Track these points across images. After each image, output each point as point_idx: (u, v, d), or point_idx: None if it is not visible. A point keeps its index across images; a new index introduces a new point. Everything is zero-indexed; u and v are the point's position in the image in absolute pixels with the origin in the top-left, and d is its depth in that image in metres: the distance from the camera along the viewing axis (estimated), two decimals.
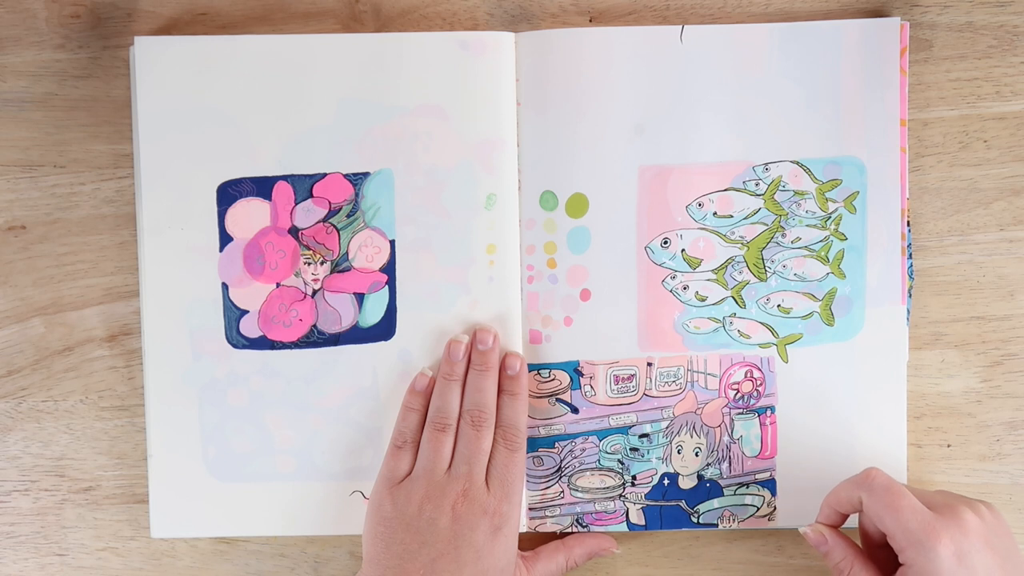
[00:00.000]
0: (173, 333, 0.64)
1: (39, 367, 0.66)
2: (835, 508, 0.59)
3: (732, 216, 0.64)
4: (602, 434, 0.65)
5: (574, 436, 0.65)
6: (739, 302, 0.64)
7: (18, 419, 0.66)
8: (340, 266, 0.64)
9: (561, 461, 0.65)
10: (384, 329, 0.64)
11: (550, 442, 0.65)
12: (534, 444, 0.65)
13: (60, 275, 0.65)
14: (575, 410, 0.65)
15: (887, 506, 0.56)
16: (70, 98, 0.65)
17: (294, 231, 0.64)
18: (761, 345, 0.65)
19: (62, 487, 0.66)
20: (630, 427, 0.65)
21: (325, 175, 0.64)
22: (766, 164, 0.64)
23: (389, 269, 0.64)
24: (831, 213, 0.64)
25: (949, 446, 0.66)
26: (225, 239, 0.64)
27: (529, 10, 0.65)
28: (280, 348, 0.64)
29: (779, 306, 0.64)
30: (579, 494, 0.65)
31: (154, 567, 0.66)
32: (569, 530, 0.65)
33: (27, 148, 0.65)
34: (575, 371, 0.65)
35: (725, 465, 0.65)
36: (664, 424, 0.65)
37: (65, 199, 0.65)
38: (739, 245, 0.64)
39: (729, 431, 0.65)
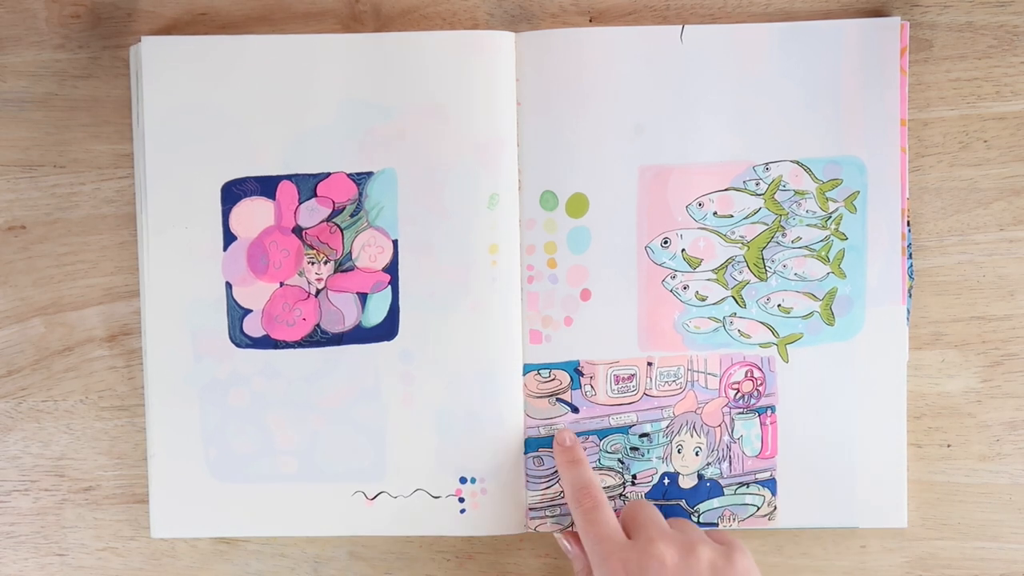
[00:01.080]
0: (174, 333, 0.65)
1: (39, 367, 0.67)
2: None
3: (732, 216, 0.66)
4: (602, 434, 0.66)
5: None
6: (739, 302, 0.66)
7: (18, 419, 0.67)
8: (343, 266, 0.65)
9: None
10: (387, 329, 0.65)
11: (550, 442, 0.66)
12: (534, 444, 0.66)
13: (60, 275, 0.66)
14: (575, 410, 0.66)
15: (583, 522, 0.60)
16: (70, 98, 0.66)
17: (298, 230, 0.65)
18: (761, 345, 0.66)
19: (62, 487, 0.67)
20: (630, 427, 0.66)
21: (329, 174, 0.65)
22: (766, 164, 0.65)
23: (392, 269, 0.65)
24: (831, 213, 0.65)
25: (949, 446, 0.67)
26: (229, 238, 0.65)
27: (529, 10, 0.66)
28: (283, 347, 0.65)
29: (779, 306, 0.66)
30: None
31: (154, 567, 0.67)
32: (569, 530, 0.66)
33: (27, 148, 0.66)
34: (575, 371, 0.66)
35: (725, 465, 0.66)
36: (664, 424, 0.66)
37: (65, 199, 0.66)
38: (739, 245, 0.66)
39: (729, 431, 0.66)
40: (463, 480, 0.66)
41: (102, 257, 0.67)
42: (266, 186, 0.65)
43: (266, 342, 0.65)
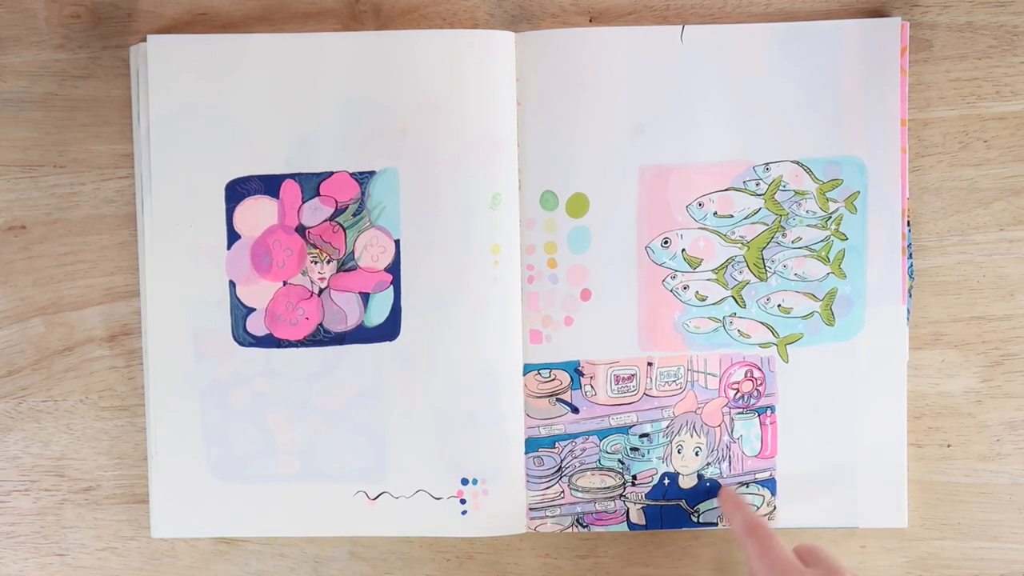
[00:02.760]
0: (176, 333, 0.66)
1: (39, 367, 0.68)
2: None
3: (732, 216, 0.67)
4: (602, 434, 0.67)
5: (574, 436, 0.67)
6: (739, 302, 0.67)
7: (18, 419, 0.68)
8: (346, 265, 0.66)
9: (561, 461, 0.67)
10: (389, 329, 0.66)
11: (550, 442, 0.67)
12: (534, 444, 0.67)
13: (60, 275, 0.68)
14: (575, 410, 0.67)
15: (756, 553, 0.59)
16: (70, 98, 0.67)
17: (301, 229, 0.66)
18: (761, 345, 0.67)
19: (62, 487, 0.68)
20: (630, 427, 0.67)
21: (331, 174, 0.66)
22: (766, 164, 0.66)
23: (394, 269, 0.66)
24: (831, 213, 0.66)
25: (949, 446, 0.68)
26: (233, 237, 0.66)
27: (529, 10, 0.67)
28: (287, 347, 0.66)
29: (779, 306, 0.67)
30: (579, 494, 0.67)
31: (154, 567, 0.69)
32: (569, 530, 0.68)
33: (27, 148, 0.67)
34: (575, 371, 0.67)
35: (725, 464, 0.68)
36: (664, 424, 0.67)
37: (65, 199, 0.67)
38: (739, 245, 0.67)
39: (729, 431, 0.67)
40: (464, 481, 0.67)
41: (102, 257, 0.68)
42: (269, 185, 0.66)
43: (269, 341, 0.67)
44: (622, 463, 0.67)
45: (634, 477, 0.67)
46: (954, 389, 0.68)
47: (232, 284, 0.66)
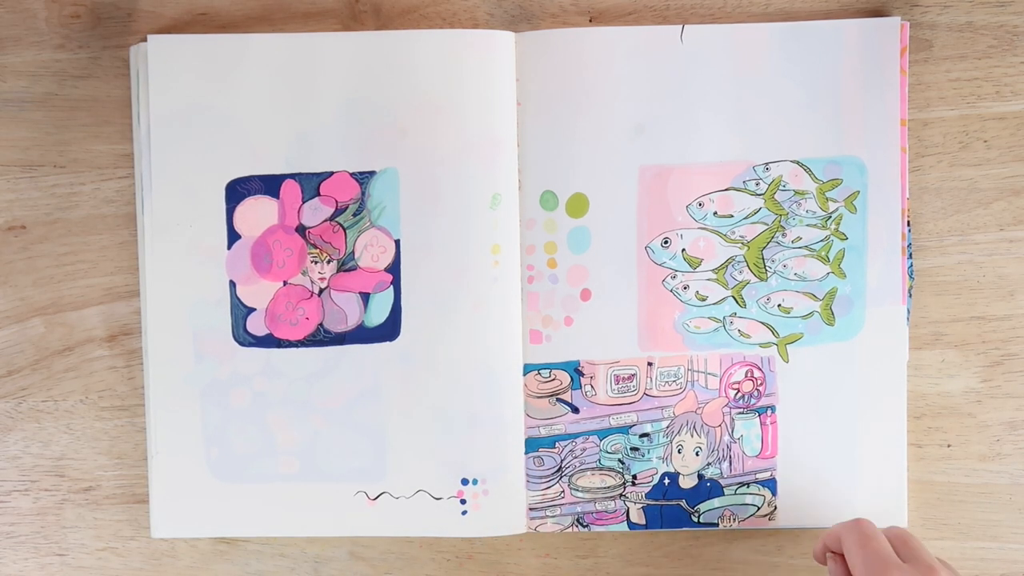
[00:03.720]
0: (176, 333, 0.66)
1: (39, 367, 0.68)
2: (828, 546, 0.61)
3: (732, 216, 0.67)
4: (603, 434, 0.68)
5: (575, 436, 0.67)
6: (739, 302, 0.67)
7: (18, 419, 0.68)
8: (346, 265, 0.66)
9: (562, 461, 0.67)
10: (389, 329, 0.66)
11: (550, 442, 0.67)
12: (535, 444, 0.67)
13: (60, 275, 0.68)
14: (576, 410, 0.68)
15: (857, 543, 0.57)
16: (70, 98, 0.67)
17: (301, 229, 0.66)
18: (762, 345, 0.67)
19: (62, 487, 0.69)
20: (630, 427, 0.67)
21: (331, 174, 0.66)
22: (766, 164, 0.66)
23: (394, 269, 0.66)
24: (831, 213, 0.67)
25: (949, 446, 0.68)
26: (233, 237, 0.66)
27: (529, 10, 0.67)
28: (287, 346, 0.67)
29: (779, 306, 0.67)
30: (580, 494, 0.68)
31: (154, 567, 0.69)
32: (569, 530, 0.68)
33: (27, 148, 0.67)
34: (576, 371, 0.67)
35: (725, 464, 0.68)
36: (664, 424, 0.68)
37: (65, 199, 0.68)
38: (739, 245, 0.67)
39: (730, 430, 0.68)
40: (464, 482, 0.67)
41: (102, 257, 0.68)
42: (270, 185, 0.66)
43: (270, 341, 0.67)
44: (622, 463, 0.68)
45: (634, 477, 0.68)
46: (954, 389, 0.68)
47: (232, 284, 0.67)
